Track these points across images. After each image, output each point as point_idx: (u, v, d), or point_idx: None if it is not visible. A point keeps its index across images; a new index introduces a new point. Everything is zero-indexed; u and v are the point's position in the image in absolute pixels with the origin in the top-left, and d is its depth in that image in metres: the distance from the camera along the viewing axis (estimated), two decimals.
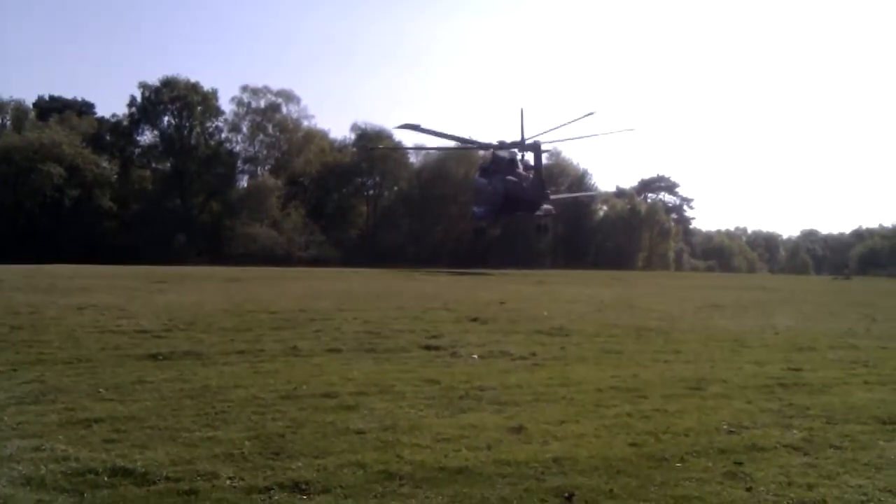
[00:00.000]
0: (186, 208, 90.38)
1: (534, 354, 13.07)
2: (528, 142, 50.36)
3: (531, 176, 50.44)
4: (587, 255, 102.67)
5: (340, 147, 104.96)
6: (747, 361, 12.95)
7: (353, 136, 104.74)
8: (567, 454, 6.85)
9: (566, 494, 5.78)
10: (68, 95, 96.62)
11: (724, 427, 8.06)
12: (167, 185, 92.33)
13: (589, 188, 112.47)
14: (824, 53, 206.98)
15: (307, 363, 11.67)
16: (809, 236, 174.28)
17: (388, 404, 8.79)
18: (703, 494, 5.87)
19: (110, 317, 16.81)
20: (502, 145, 54.28)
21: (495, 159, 54.82)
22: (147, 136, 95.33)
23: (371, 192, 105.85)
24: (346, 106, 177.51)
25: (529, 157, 52.04)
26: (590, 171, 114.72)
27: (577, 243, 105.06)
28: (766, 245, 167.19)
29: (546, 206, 53.15)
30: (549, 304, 24.70)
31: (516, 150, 52.98)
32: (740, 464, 6.69)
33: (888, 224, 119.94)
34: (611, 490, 5.93)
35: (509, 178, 51.38)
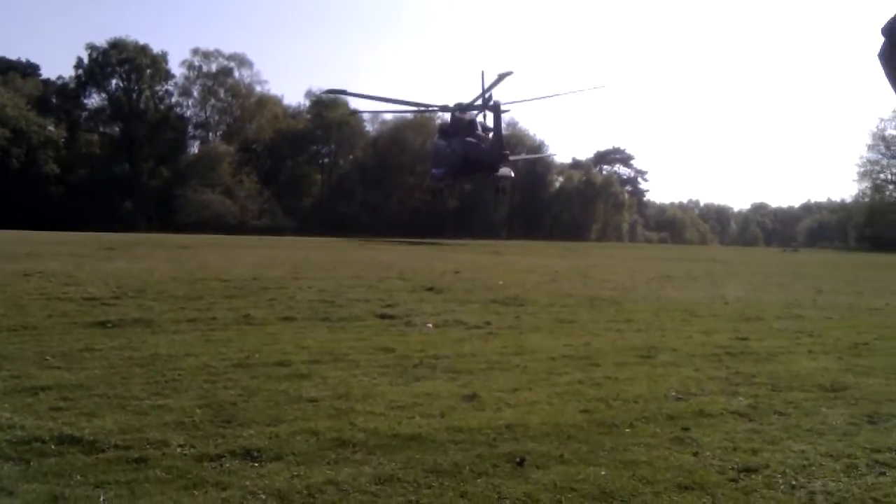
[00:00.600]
0: (135, 174, 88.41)
1: (488, 324, 13.13)
2: (489, 103, 49.69)
3: (490, 137, 50.07)
4: (543, 226, 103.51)
5: (294, 114, 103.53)
6: (697, 331, 13.20)
7: (307, 103, 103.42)
8: (519, 421, 6.91)
9: (518, 460, 5.83)
10: (12, 56, 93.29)
11: (673, 394, 8.21)
12: (115, 150, 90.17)
13: (546, 160, 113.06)
14: (773, 29, 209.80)
15: (260, 331, 11.55)
16: (760, 209, 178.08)
17: (341, 373, 8.75)
18: (651, 459, 5.98)
19: (57, 283, 16.37)
20: (460, 107, 53.84)
21: (454, 121, 54.19)
22: (95, 100, 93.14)
23: (326, 160, 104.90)
24: (301, 72, 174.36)
25: (490, 121, 51.84)
26: (546, 142, 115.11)
27: (533, 214, 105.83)
28: (717, 218, 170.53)
29: (505, 169, 52.83)
30: (505, 274, 24.83)
31: (476, 111, 52.53)
32: (687, 429, 6.82)
33: (836, 198, 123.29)
34: (561, 455, 6.00)
35: (468, 139, 50.96)
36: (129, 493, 5.00)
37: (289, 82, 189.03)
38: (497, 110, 48.44)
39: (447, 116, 57.87)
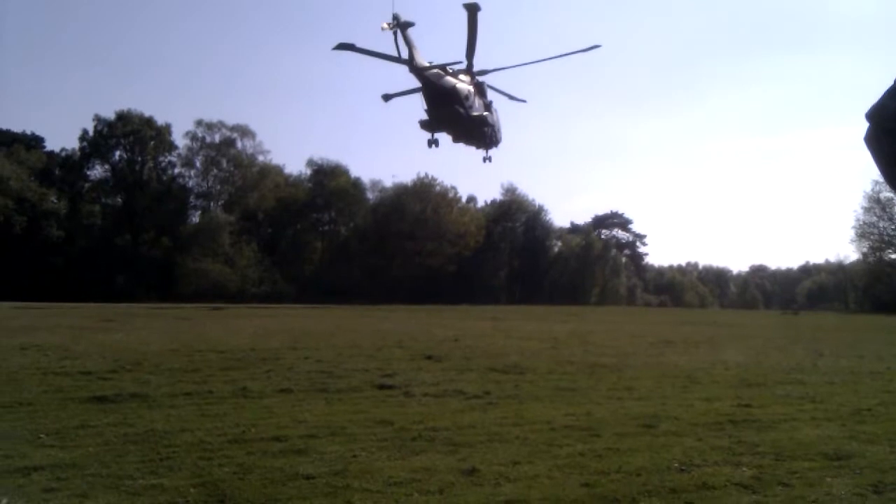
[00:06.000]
0: (136, 244, 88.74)
1: (488, 393, 13.01)
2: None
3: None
4: (542, 290, 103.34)
5: (296, 182, 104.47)
6: (698, 398, 13.07)
7: (308, 172, 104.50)
8: (520, 496, 6.80)
9: None
10: (17, 129, 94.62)
11: (676, 465, 8.09)
12: (117, 221, 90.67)
13: (545, 225, 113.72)
14: (768, 91, 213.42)
15: (257, 405, 11.44)
16: (758, 271, 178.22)
17: (339, 447, 8.64)
18: None
19: (54, 357, 16.34)
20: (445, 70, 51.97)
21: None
22: (98, 171, 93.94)
23: (326, 227, 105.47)
24: (303, 141, 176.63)
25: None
26: (546, 206, 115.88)
27: (533, 278, 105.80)
28: (716, 280, 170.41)
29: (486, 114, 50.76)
30: (504, 341, 24.73)
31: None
32: (691, 503, 6.70)
33: (834, 260, 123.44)
34: None
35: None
36: None
37: (291, 151, 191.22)
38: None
39: None
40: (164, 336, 22.93)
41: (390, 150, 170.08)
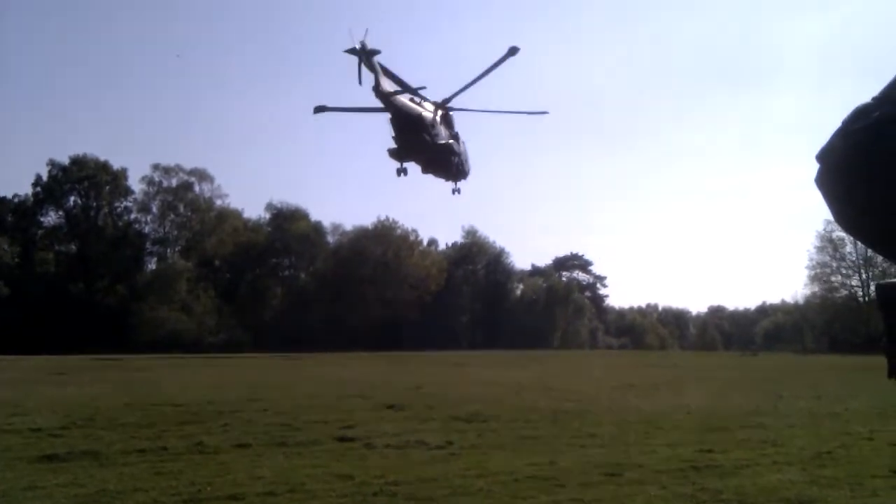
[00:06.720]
0: (91, 292, 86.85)
1: (450, 443, 12.83)
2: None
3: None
4: (504, 334, 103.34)
5: (255, 227, 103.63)
6: (661, 444, 13.05)
7: (267, 215, 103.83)
8: None
9: None
10: None
11: None
12: (71, 268, 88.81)
13: (506, 268, 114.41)
14: (723, 134, 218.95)
15: (213, 461, 11.10)
16: (717, 312, 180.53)
17: None
18: None
19: (2, 414, 15.75)
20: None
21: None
22: (51, 217, 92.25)
23: (286, 272, 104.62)
24: (262, 184, 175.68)
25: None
26: (507, 249, 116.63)
27: (494, 322, 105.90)
28: (676, 322, 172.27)
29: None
30: (467, 388, 24.58)
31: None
32: None
33: (789, 299, 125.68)
34: None
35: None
36: None
37: (249, 195, 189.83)
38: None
39: None
40: (118, 389, 22.33)
41: (351, 193, 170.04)
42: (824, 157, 2.88)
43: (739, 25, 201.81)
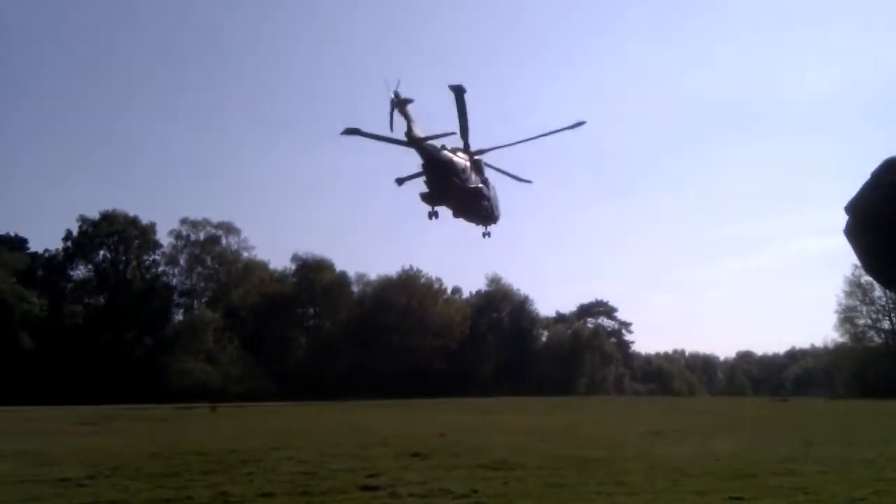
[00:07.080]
0: (118, 344, 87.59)
1: (475, 491, 12.71)
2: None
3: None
4: (530, 381, 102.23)
5: (280, 278, 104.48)
6: (689, 491, 12.82)
7: (293, 267, 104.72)
8: None
9: None
10: (1, 231, 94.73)
11: None
12: (99, 321, 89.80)
13: (531, 315, 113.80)
14: (747, 178, 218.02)
15: None
16: (745, 358, 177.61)
17: None
18: None
19: (30, 464, 15.87)
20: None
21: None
22: (81, 271, 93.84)
23: (311, 322, 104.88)
24: (288, 235, 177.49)
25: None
26: (531, 296, 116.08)
27: (520, 369, 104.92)
28: (703, 367, 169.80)
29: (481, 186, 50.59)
30: (492, 435, 24.32)
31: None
32: None
33: (819, 344, 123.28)
34: None
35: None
36: None
37: (275, 246, 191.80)
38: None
39: None
40: (145, 438, 22.41)
41: (377, 242, 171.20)
42: (854, 208, 2.93)
43: (766, 76, 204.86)
